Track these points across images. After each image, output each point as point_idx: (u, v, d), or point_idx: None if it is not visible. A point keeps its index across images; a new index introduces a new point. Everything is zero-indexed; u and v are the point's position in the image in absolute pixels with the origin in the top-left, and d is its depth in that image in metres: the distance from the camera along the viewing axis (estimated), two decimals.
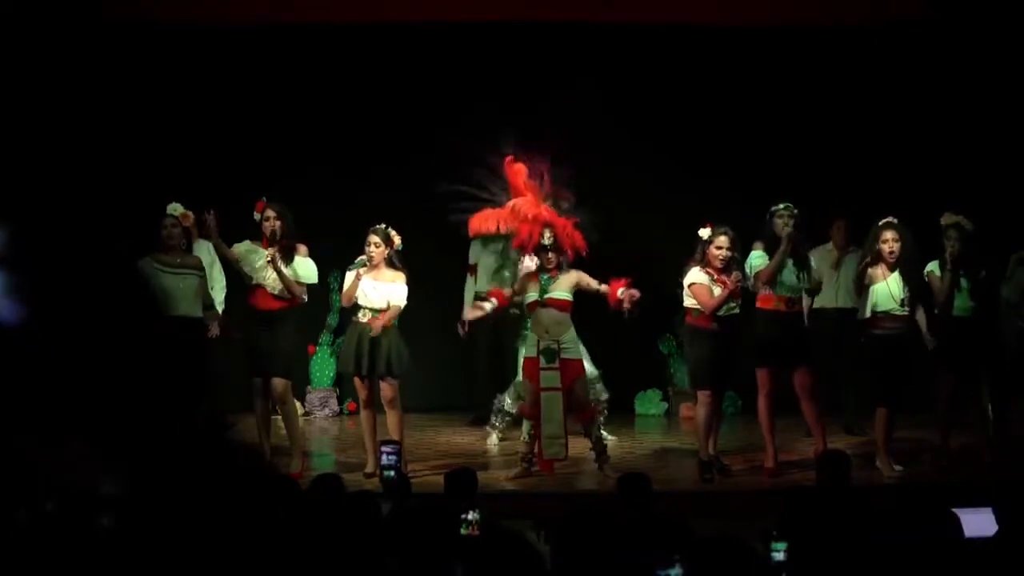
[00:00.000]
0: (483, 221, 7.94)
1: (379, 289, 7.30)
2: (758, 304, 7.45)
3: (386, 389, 7.35)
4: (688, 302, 7.42)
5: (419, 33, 9.71)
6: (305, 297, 7.53)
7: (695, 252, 7.40)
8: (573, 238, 7.60)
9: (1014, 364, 7.63)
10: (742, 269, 7.39)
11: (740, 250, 7.44)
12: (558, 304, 7.33)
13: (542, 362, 7.25)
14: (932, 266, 7.50)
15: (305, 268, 7.44)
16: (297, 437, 7.59)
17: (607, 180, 8.54)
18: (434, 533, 3.57)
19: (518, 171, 7.83)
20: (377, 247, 7.29)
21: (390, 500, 4.51)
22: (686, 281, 7.38)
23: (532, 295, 7.35)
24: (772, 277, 7.32)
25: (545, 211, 7.67)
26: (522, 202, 7.77)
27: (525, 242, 7.57)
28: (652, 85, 9.90)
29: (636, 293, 7.27)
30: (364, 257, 7.31)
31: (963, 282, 7.46)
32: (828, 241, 8.89)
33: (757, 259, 7.40)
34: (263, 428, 7.44)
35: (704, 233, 7.38)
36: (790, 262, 7.35)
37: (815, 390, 7.45)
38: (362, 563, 3.58)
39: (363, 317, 7.33)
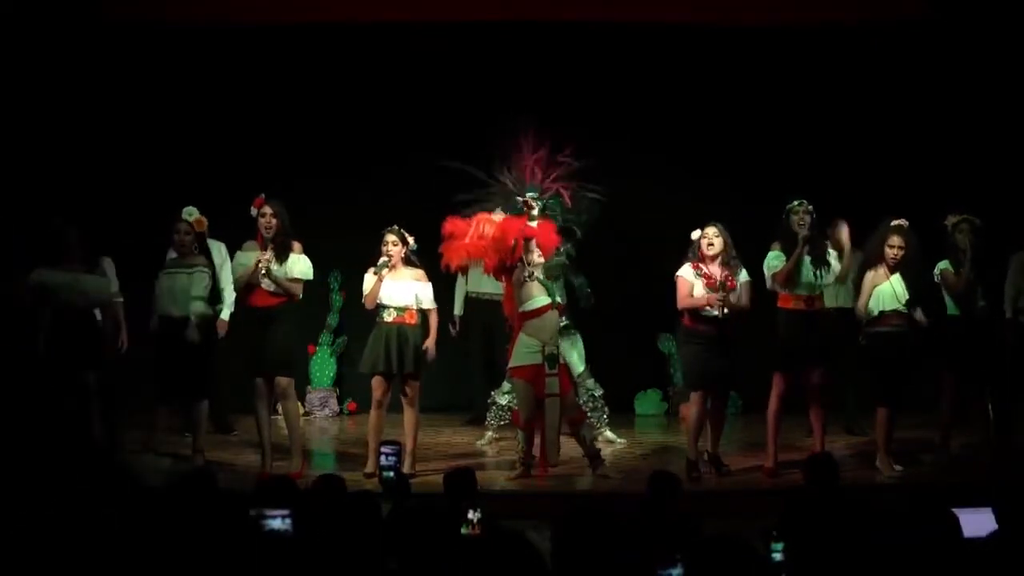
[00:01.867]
0: (455, 255, 7.50)
1: (402, 288, 7.36)
2: (779, 304, 7.41)
3: (411, 388, 7.42)
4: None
5: (419, 33, 9.71)
6: (299, 294, 7.51)
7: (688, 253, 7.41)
8: (549, 239, 7.52)
9: (1015, 364, 7.63)
10: (738, 264, 7.37)
11: (746, 245, 7.45)
12: (560, 308, 7.41)
13: (547, 368, 7.23)
14: (943, 264, 7.49)
15: (301, 265, 7.44)
16: (297, 436, 7.59)
17: (607, 180, 8.52)
18: (434, 533, 3.57)
19: (458, 225, 7.48)
20: (395, 246, 7.36)
21: (390, 500, 4.50)
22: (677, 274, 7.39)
23: (544, 299, 7.30)
24: (788, 278, 7.28)
25: (512, 223, 7.44)
26: (486, 226, 7.39)
27: (506, 256, 7.30)
28: (653, 85, 9.89)
29: None
30: (384, 259, 7.32)
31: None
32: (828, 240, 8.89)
33: (774, 259, 7.36)
34: (265, 428, 7.42)
35: (695, 234, 7.38)
36: (807, 259, 7.33)
37: (827, 392, 7.45)
38: (362, 563, 3.58)
39: (388, 317, 7.37)
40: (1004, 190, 9.15)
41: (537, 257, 7.31)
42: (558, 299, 7.42)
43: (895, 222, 7.38)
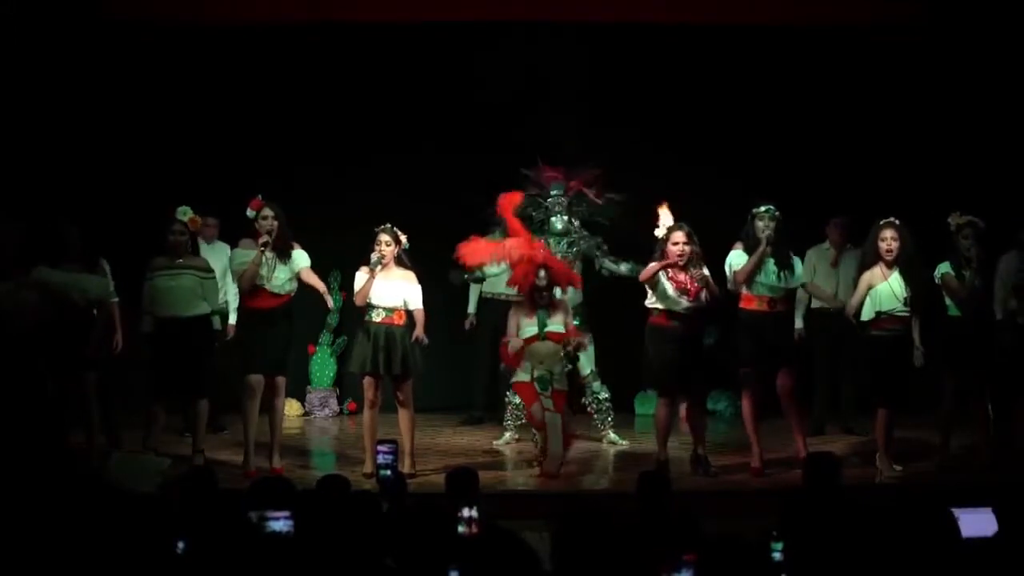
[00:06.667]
0: (475, 254, 7.79)
1: (392, 288, 7.34)
2: (740, 304, 7.46)
3: (403, 389, 7.41)
4: (648, 300, 7.42)
5: (418, 32, 9.70)
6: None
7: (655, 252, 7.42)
8: (568, 275, 7.68)
9: (1012, 364, 7.61)
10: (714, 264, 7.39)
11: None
12: (555, 337, 7.45)
13: (537, 388, 7.36)
14: (944, 267, 7.47)
15: (302, 259, 7.48)
16: (280, 434, 7.61)
17: (605, 180, 8.54)
18: (433, 533, 3.57)
19: (511, 202, 7.76)
20: (388, 245, 7.34)
21: (387, 500, 4.50)
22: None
23: (531, 330, 7.40)
24: (749, 277, 7.34)
25: (538, 251, 7.64)
26: (514, 243, 7.65)
27: (520, 282, 7.56)
28: (652, 86, 9.89)
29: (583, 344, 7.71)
30: (377, 255, 7.32)
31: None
32: (825, 240, 8.90)
33: (736, 259, 7.42)
34: (252, 427, 7.42)
35: (659, 232, 7.39)
36: (771, 262, 7.36)
37: (795, 392, 7.50)
38: (362, 563, 3.57)
39: (376, 317, 7.36)
40: (1002, 191, 9.14)
41: (547, 287, 7.43)
42: (548, 328, 7.43)
43: (884, 220, 7.39)
